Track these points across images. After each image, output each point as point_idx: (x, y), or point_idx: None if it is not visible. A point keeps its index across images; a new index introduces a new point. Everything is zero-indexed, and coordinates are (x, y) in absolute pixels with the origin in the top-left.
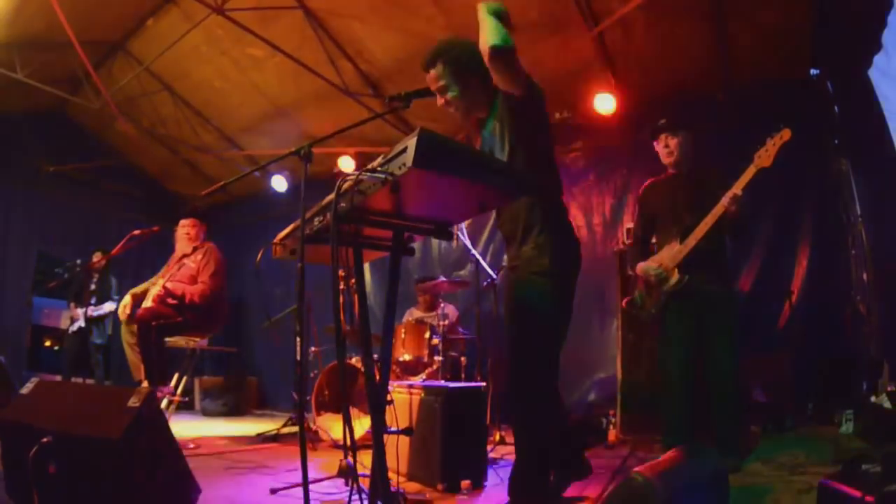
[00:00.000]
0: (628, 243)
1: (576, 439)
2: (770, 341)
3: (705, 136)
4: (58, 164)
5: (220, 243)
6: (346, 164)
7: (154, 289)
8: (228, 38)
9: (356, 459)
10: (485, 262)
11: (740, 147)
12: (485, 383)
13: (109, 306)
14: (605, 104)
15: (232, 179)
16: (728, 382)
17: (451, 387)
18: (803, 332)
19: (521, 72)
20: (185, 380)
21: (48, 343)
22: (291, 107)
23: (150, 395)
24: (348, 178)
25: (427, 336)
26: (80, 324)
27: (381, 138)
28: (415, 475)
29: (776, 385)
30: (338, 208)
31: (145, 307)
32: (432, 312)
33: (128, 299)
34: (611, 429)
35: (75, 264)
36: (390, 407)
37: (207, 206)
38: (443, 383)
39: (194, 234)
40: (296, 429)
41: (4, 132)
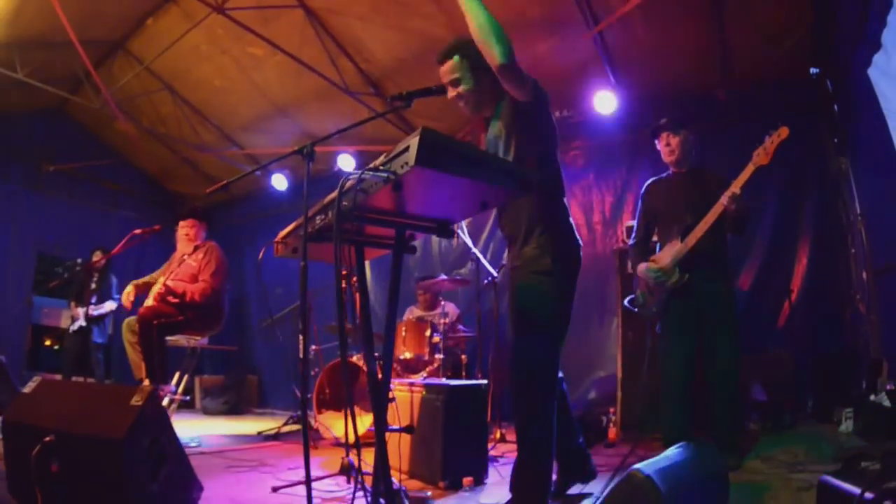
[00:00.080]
0: (628, 242)
1: (583, 449)
2: (770, 340)
3: (705, 135)
4: (58, 163)
5: (219, 242)
6: (346, 163)
7: (155, 287)
8: (229, 37)
9: (360, 457)
10: (485, 260)
11: (740, 146)
12: (486, 381)
13: (110, 305)
14: (605, 103)
15: (235, 178)
16: (728, 381)
17: (451, 384)
18: (803, 330)
19: (528, 79)
20: (186, 378)
21: (48, 342)
22: (291, 106)
23: (153, 393)
24: (351, 177)
25: (428, 334)
26: (81, 323)
27: (380, 137)
28: (416, 473)
29: (776, 383)
30: (340, 206)
31: (147, 306)
32: (433, 311)
33: (130, 288)
34: (611, 427)
35: (75, 263)
36: (392, 405)
37: (207, 204)
38: (444, 381)
39: (194, 234)
40: (296, 427)
41: (4, 132)
